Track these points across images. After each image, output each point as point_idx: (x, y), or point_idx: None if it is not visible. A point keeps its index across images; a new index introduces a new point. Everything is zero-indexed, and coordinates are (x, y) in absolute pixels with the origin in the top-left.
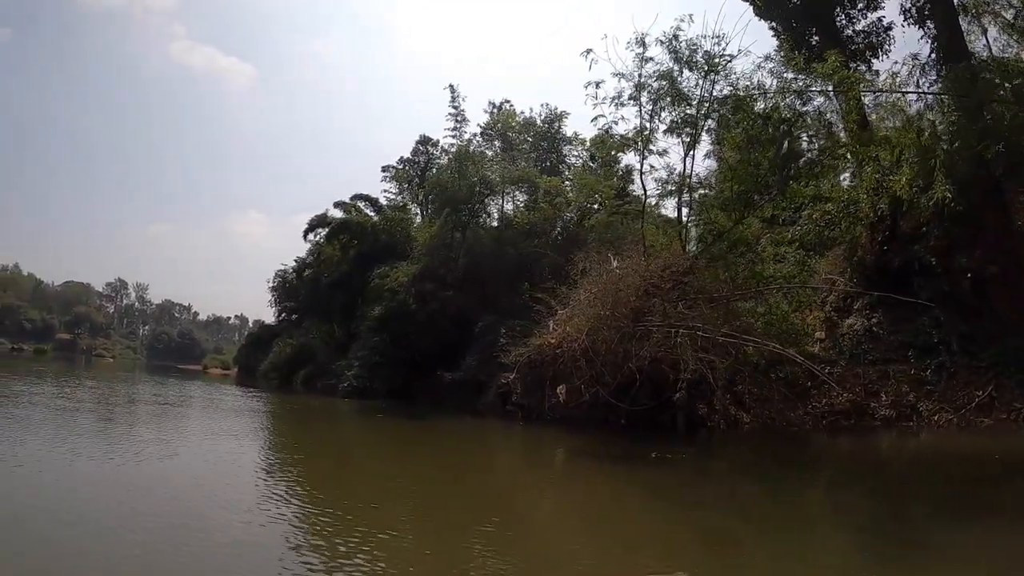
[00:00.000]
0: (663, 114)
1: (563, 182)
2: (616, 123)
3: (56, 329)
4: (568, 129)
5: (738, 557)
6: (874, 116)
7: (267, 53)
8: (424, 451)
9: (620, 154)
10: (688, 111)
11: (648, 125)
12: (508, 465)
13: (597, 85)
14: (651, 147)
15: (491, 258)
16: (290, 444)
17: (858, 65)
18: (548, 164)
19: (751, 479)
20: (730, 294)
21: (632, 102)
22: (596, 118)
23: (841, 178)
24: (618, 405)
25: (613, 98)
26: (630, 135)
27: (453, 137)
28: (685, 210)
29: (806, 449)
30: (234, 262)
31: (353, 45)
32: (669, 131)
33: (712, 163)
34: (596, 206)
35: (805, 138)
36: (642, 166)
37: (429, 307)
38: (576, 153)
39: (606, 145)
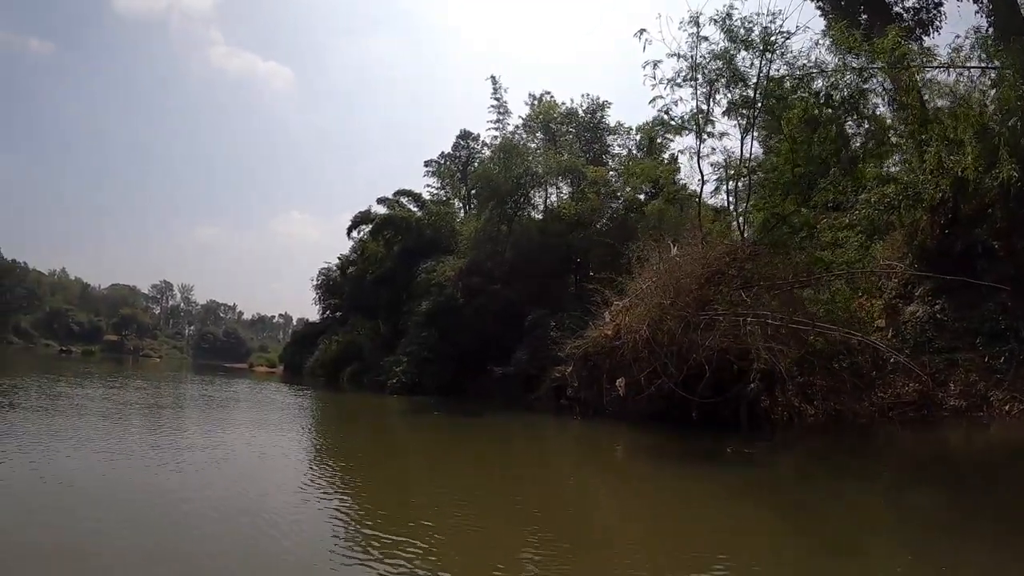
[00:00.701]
0: (717, 96)
1: (608, 172)
2: (676, 103)
3: (104, 331)
4: (611, 119)
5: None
6: (925, 95)
7: (305, 56)
8: (481, 449)
9: (677, 137)
10: (746, 92)
11: (704, 107)
12: (566, 463)
13: (655, 65)
14: (709, 129)
15: (537, 251)
16: (348, 443)
17: (909, 43)
18: (591, 155)
19: (849, 477)
20: (793, 281)
21: (688, 83)
22: (654, 99)
23: (890, 161)
24: (688, 398)
25: (670, 79)
26: (686, 118)
27: (496, 129)
28: (743, 195)
29: (882, 442)
30: (278, 262)
31: (392, 45)
32: (725, 113)
33: (763, 147)
34: (642, 196)
35: (867, 117)
36: (699, 150)
37: (477, 301)
38: (620, 143)
39: (664, 127)
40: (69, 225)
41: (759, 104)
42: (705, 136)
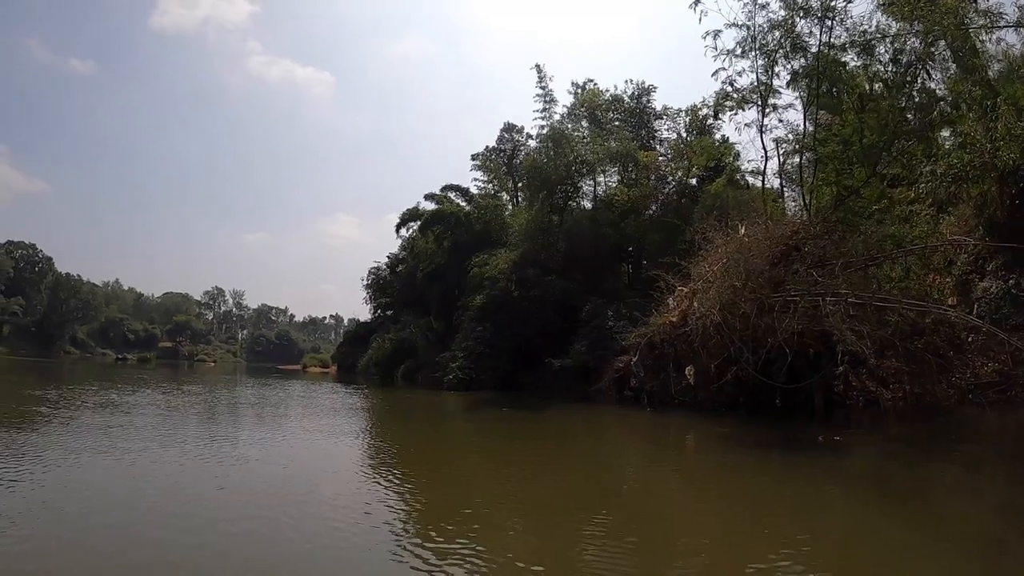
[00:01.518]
0: (775, 68)
1: (659, 157)
2: (740, 74)
3: (158, 338)
4: (656, 104)
5: None
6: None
7: (343, 59)
8: (547, 443)
9: (739, 111)
10: (807, 61)
11: (763, 79)
12: (636, 455)
13: (716, 35)
14: (773, 102)
15: (590, 240)
16: (412, 444)
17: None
18: (639, 141)
19: (961, 465)
20: (866, 258)
21: (747, 55)
22: (716, 71)
23: (949, 133)
24: (770, 385)
25: (730, 51)
26: (747, 90)
27: (543, 119)
28: (808, 169)
29: (972, 426)
30: (327, 264)
31: (426, 42)
32: (788, 85)
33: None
34: (694, 180)
35: (933, 82)
36: (762, 124)
37: (531, 293)
38: (667, 127)
39: (728, 100)
40: (121, 238)
41: (822, 73)
42: (769, 109)
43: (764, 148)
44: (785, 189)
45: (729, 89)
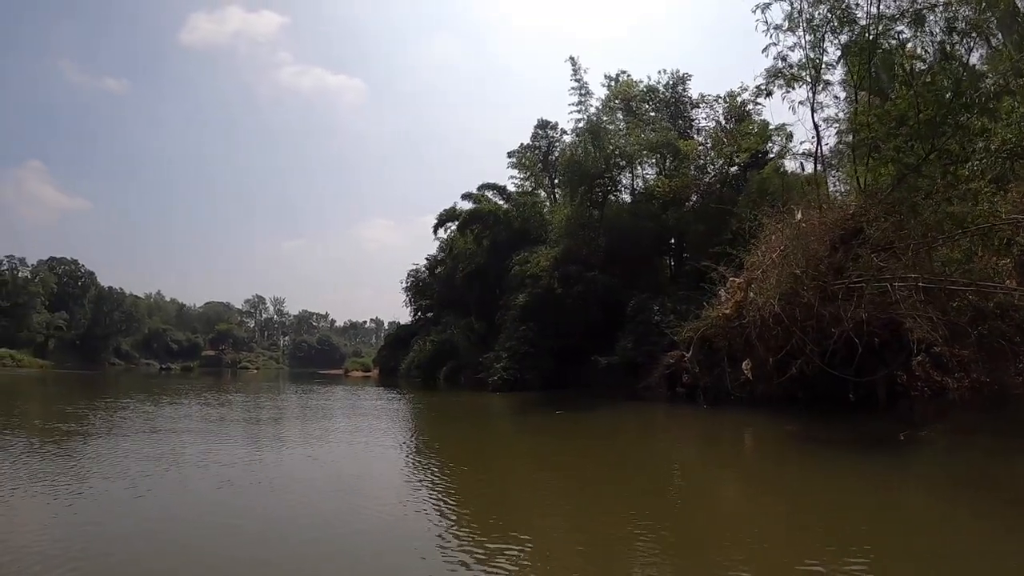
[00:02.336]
0: (824, 44)
1: (698, 146)
2: (792, 49)
3: (201, 347)
4: (692, 92)
5: None
6: None
7: (374, 65)
8: (601, 444)
9: (789, 90)
10: (855, 35)
11: (812, 55)
12: (698, 455)
13: (765, 8)
14: (826, 77)
15: (631, 234)
16: (465, 449)
17: None
18: (677, 130)
19: None
20: (930, 240)
21: (794, 30)
22: (768, 47)
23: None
24: (833, 378)
25: (777, 26)
26: (796, 68)
27: (578, 112)
28: (860, 149)
29: None
30: (366, 268)
31: (461, 44)
32: (836, 62)
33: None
34: (734, 168)
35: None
36: (813, 102)
37: (574, 290)
38: (704, 115)
39: (780, 78)
40: (161, 250)
41: (873, 45)
42: (820, 87)
43: (816, 128)
44: (832, 171)
45: (781, 65)
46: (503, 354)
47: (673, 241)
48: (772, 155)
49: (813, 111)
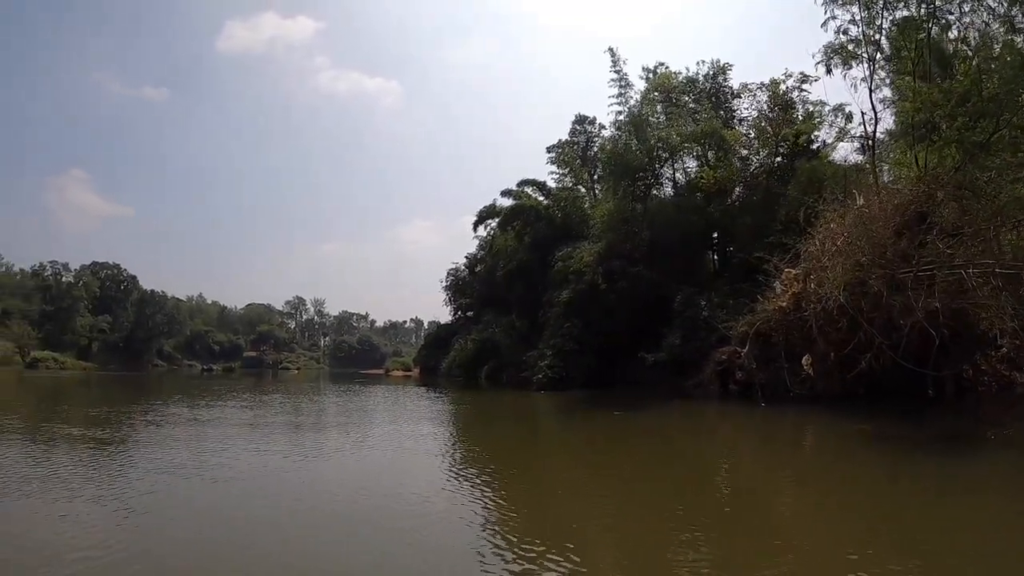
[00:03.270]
0: (878, 21)
1: (742, 136)
2: (854, 23)
3: (243, 348)
4: (732, 82)
5: None
6: None
7: (410, 68)
8: (660, 446)
9: (846, 69)
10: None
11: (866, 31)
12: (785, 463)
13: None
14: (882, 53)
15: (675, 228)
16: (520, 454)
17: None
18: (719, 121)
19: None
20: (996, 223)
21: (848, 7)
22: (826, 21)
23: None
24: (900, 372)
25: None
26: (851, 46)
27: (618, 104)
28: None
29: None
30: (405, 269)
31: (497, 43)
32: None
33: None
34: (778, 158)
35: None
36: (871, 82)
37: (619, 286)
38: (746, 105)
39: (839, 54)
40: (203, 255)
41: (933, 17)
42: (877, 64)
43: (874, 108)
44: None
45: (843, 39)
46: (547, 352)
47: (716, 235)
48: (825, 142)
49: (871, 91)
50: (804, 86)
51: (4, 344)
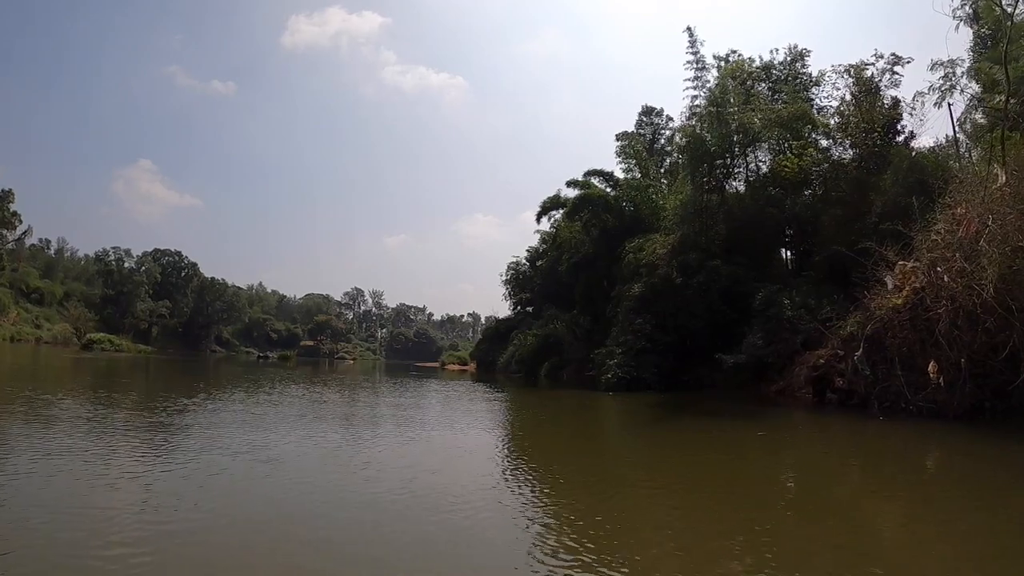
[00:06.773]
0: None
1: (823, 124)
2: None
3: (300, 337)
4: (811, 69)
5: None
6: None
7: (475, 62)
8: (759, 468)
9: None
10: None
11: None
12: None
13: None
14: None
15: (753, 220)
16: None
17: None
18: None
19: None
20: None
21: None
22: None
23: None
24: None
25: None
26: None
27: (694, 88)
28: None
29: None
30: (465, 264)
31: (563, 36)
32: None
33: None
34: (856, 151)
35: None
36: (1006, 49)
37: (695, 280)
38: (826, 94)
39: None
40: (264, 245)
41: None
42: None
43: (1007, 73)
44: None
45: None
46: (617, 350)
47: (790, 230)
48: (912, 132)
49: (1006, 61)
50: (897, 69)
51: (63, 326)
